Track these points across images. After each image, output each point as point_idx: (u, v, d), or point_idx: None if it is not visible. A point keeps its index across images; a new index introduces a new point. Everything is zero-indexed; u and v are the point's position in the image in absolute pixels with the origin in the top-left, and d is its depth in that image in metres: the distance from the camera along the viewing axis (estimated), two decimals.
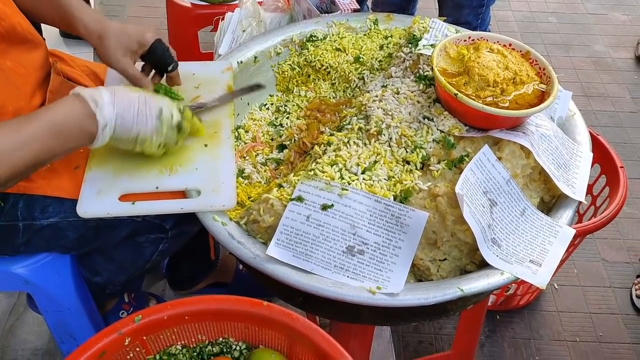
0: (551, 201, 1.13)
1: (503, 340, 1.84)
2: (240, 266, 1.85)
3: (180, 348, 0.95)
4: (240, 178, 1.20)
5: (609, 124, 2.61)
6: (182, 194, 1.08)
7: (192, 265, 1.77)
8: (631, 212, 2.21)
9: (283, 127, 1.35)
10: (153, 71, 1.23)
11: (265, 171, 1.25)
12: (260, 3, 1.73)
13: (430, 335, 1.84)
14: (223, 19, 1.74)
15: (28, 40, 1.12)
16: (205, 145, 1.14)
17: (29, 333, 1.80)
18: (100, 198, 1.05)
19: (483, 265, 1.01)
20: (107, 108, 0.98)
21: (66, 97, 0.99)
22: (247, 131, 1.34)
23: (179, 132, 1.07)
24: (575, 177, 1.11)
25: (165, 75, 1.21)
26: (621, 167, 1.64)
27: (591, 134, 1.69)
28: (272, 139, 1.33)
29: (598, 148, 1.72)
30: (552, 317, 1.90)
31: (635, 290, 1.94)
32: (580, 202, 1.08)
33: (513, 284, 1.77)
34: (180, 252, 1.56)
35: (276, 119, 1.38)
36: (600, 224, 1.51)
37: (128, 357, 0.91)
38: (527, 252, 1.00)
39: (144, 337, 0.91)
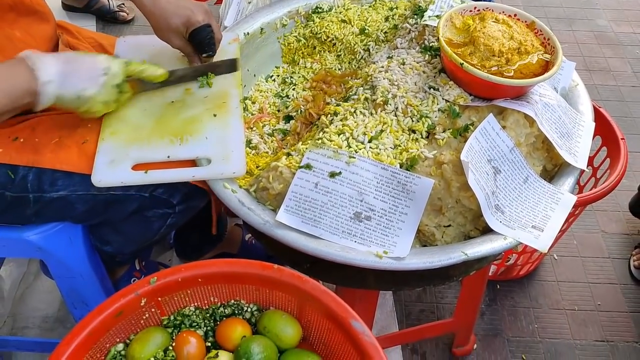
0: (554, 169, 1.15)
1: (503, 309, 1.88)
2: (247, 237, 1.88)
3: (193, 309, 0.98)
4: (247, 148, 1.22)
5: (611, 97, 2.62)
6: (193, 163, 1.10)
7: (199, 236, 1.80)
8: (630, 185, 2.23)
9: (289, 98, 1.37)
10: None
11: (272, 142, 1.27)
12: None
13: (432, 304, 1.88)
14: None
15: (37, 12, 1.14)
16: (215, 115, 1.16)
17: (39, 301, 1.84)
18: (113, 168, 1.07)
19: (487, 231, 1.04)
20: (49, 65, 1.01)
21: (11, 59, 1.03)
22: (253, 102, 1.36)
23: (120, 92, 1.11)
24: (578, 145, 1.13)
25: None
26: (622, 139, 1.66)
27: (593, 106, 1.72)
28: (278, 110, 1.35)
29: (599, 120, 1.73)
30: (551, 287, 1.94)
31: (634, 261, 1.98)
32: (582, 170, 1.11)
33: (513, 254, 1.81)
34: (188, 222, 1.59)
35: (282, 90, 1.40)
36: (600, 194, 1.54)
37: (144, 317, 0.95)
38: (530, 218, 1.03)
39: (159, 299, 0.94)
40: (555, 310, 1.88)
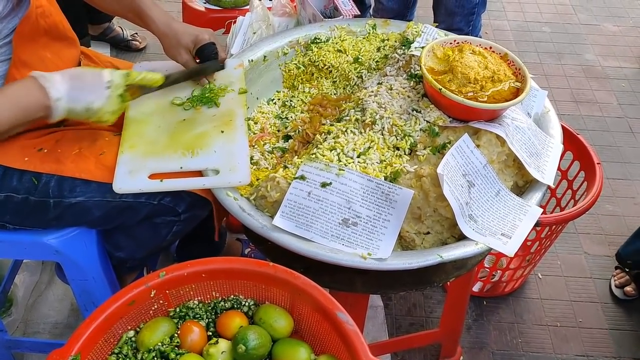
0: (525, 186, 1.27)
1: (489, 324, 1.98)
2: (246, 251, 1.99)
3: (197, 303, 1.09)
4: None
5: (596, 128, 2.75)
6: (201, 174, 1.23)
7: (201, 249, 1.91)
8: (613, 210, 2.35)
9: (288, 119, 1.50)
10: None
11: (272, 158, 1.40)
12: (269, 8, 1.89)
13: (422, 318, 1.98)
14: (235, 22, 1.90)
15: (67, 38, 1.28)
16: (222, 132, 1.29)
17: (50, 309, 1.94)
18: (132, 177, 1.20)
19: (462, 239, 1.16)
20: (58, 83, 1.13)
21: (23, 78, 1.15)
22: (256, 123, 1.49)
23: (122, 101, 1.22)
24: (546, 164, 1.25)
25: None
26: (598, 163, 1.78)
27: (572, 133, 1.85)
28: (278, 130, 1.48)
29: (578, 146, 1.86)
30: (535, 304, 2.04)
31: (614, 280, 2.08)
32: (549, 186, 1.23)
33: (498, 271, 1.91)
34: (190, 235, 1.71)
35: (282, 112, 1.53)
36: (576, 213, 1.65)
37: (152, 308, 1.06)
38: (500, 226, 1.15)
39: (167, 291, 1.06)
40: (538, 326, 1.98)
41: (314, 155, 1.20)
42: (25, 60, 1.19)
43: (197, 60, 1.39)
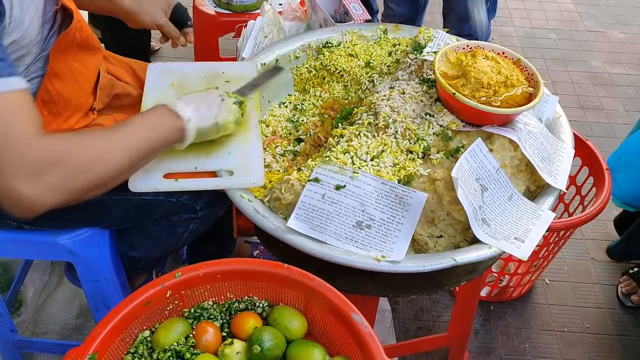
0: (536, 190, 1.28)
1: (496, 329, 1.98)
2: (255, 253, 2.00)
3: (211, 304, 1.10)
4: None
5: (603, 134, 2.76)
6: (216, 175, 1.24)
7: (210, 251, 1.92)
8: None
9: (300, 123, 1.51)
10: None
11: (283, 161, 1.41)
12: (280, 12, 1.90)
13: (429, 322, 1.98)
14: (245, 26, 1.91)
15: (93, 47, 1.30)
16: None
17: (59, 310, 1.95)
18: (147, 176, 1.21)
19: (475, 243, 1.16)
20: (184, 105, 1.16)
21: (152, 107, 1.17)
22: (267, 126, 1.50)
23: (240, 106, 1.26)
24: (558, 169, 1.26)
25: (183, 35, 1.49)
26: (607, 169, 1.79)
27: (580, 139, 1.86)
28: (289, 133, 1.49)
29: (587, 152, 1.87)
30: (542, 309, 2.05)
31: (621, 287, 2.09)
32: (561, 191, 1.24)
33: (506, 276, 1.92)
34: (200, 238, 1.72)
35: (294, 115, 1.54)
36: (585, 218, 1.66)
37: (168, 308, 1.07)
38: (513, 230, 1.15)
39: (182, 292, 1.06)
40: (545, 332, 1.98)
41: (327, 158, 1.20)
42: (57, 71, 1.21)
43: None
